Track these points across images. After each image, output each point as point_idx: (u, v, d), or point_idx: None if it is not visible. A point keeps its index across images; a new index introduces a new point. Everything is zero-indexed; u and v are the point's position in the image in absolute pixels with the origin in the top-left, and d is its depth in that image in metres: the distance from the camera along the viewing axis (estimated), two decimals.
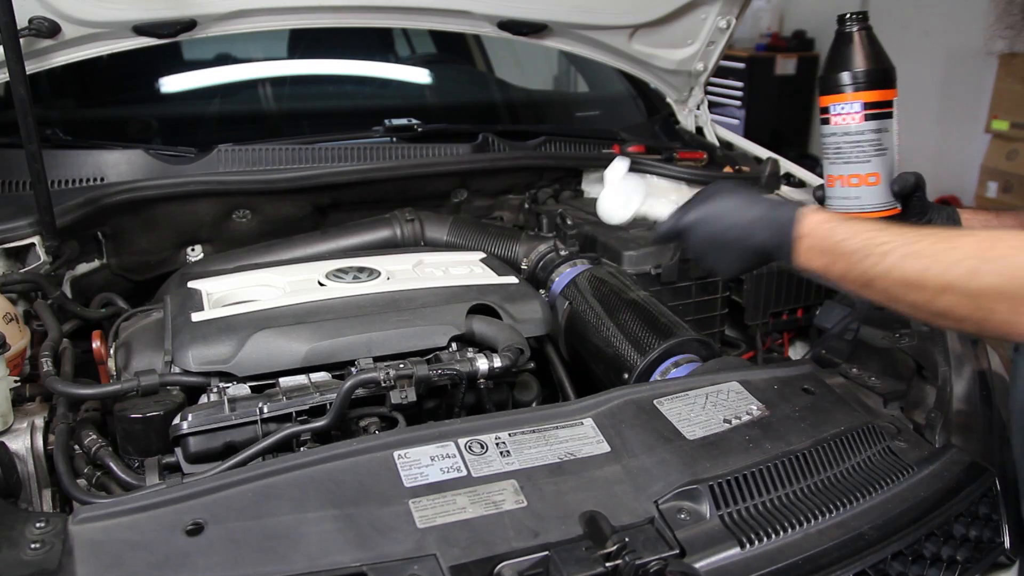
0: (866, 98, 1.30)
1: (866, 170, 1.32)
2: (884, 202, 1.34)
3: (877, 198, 1.33)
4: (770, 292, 1.88)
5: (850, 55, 1.30)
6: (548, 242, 1.79)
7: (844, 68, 1.30)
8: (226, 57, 2.46)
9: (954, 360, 1.44)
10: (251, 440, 1.15)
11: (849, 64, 1.30)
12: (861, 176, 1.33)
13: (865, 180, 1.33)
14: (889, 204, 1.34)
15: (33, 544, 0.91)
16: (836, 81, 1.31)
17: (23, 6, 1.52)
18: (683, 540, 0.98)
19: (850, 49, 1.30)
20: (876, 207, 1.34)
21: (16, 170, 1.72)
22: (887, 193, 1.34)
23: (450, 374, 1.26)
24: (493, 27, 2.13)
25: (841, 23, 1.32)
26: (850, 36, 1.31)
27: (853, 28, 1.31)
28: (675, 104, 2.55)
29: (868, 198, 1.34)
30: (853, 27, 1.31)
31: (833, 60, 1.32)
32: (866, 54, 1.30)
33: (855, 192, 1.34)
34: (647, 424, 1.14)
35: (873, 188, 1.33)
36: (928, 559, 1.11)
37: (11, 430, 1.17)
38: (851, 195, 1.34)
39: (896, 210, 1.35)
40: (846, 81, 1.30)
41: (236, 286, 1.51)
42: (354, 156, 2.00)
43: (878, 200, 1.33)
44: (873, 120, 1.30)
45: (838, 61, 1.31)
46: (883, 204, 1.34)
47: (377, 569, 0.88)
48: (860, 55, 1.30)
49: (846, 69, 1.30)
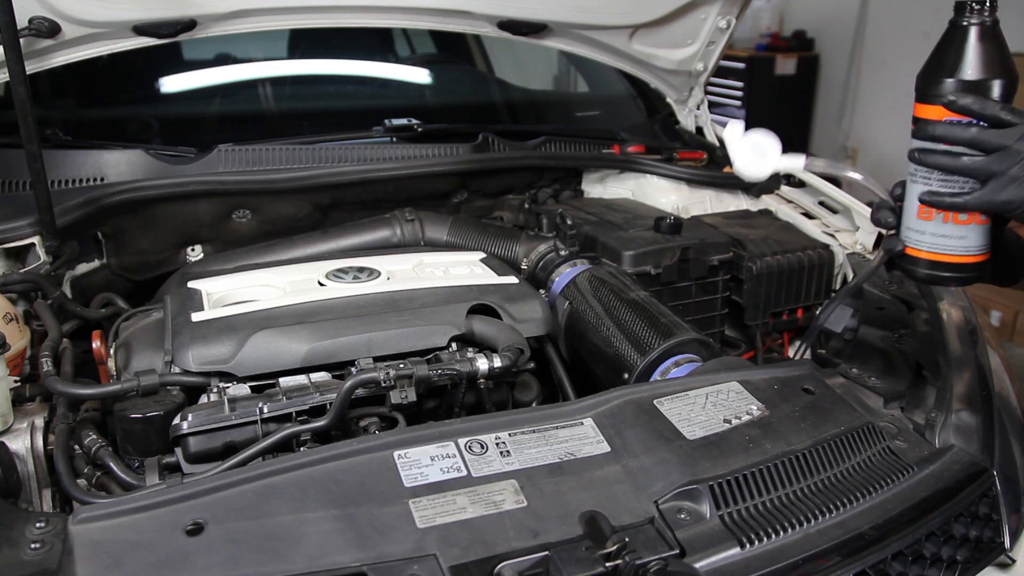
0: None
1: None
2: (985, 244, 1.12)
3: (982, 239, 1.11)
4: (770, 292, 1.88)
5: (989, 56, 1.04)
6: (548, 242, 1.79)
7: (978, 72, 1.04)
8: (226, 57, 2.46)
9: (954, 360, 1.44)
10: (251, 440, 1.15)
11: (986, 68, 1.04)
12: (972, 214, 1.09)
13: (976, 217, 1.09)
14: (988, 247, 1.13)
15: (33, 544, 0.91)
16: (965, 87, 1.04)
17: (23, 6, 1.52)
18: (683, 540, 0.98)
19: (986, 48, 1.04)
20: (980, 250, 1.12)
21: (16, 170, 1.72)
22: (988, 234, 1.12)
23: (450, 374, 1.26)
24: (493, 27, 2.13)
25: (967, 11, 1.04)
26: (985, 30, 1.04)
27: (987, 19, 1.04)
28: (675, 104, 2.55)
29: (974, 239, 1.10)
30: (987, 18, 1.04)
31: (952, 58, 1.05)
32: (1002, 57, 1.05)
33: (960, 231, 1.10)
34: (647, 424, 1.14)
35: (981, 228, 1.10)
36: (928, 559, 1.11)
37: (11, 430, 1.17)
38: (954, 234, 1.10)
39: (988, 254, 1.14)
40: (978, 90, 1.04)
41: (236, 286, 1.51)
42: (354, 156, 2.00)
43: (982, 242, 1.11)
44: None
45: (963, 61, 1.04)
46: (985, 247, 1.12)
47: (377, 569, 0.88)
48: (996, 57, 1.04)
49: (981, 75, 1.03)
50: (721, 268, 1.86)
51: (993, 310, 4.43)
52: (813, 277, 1.91)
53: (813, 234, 2.00)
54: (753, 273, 1.85)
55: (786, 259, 1.88)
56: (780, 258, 1.87)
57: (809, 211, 2.13)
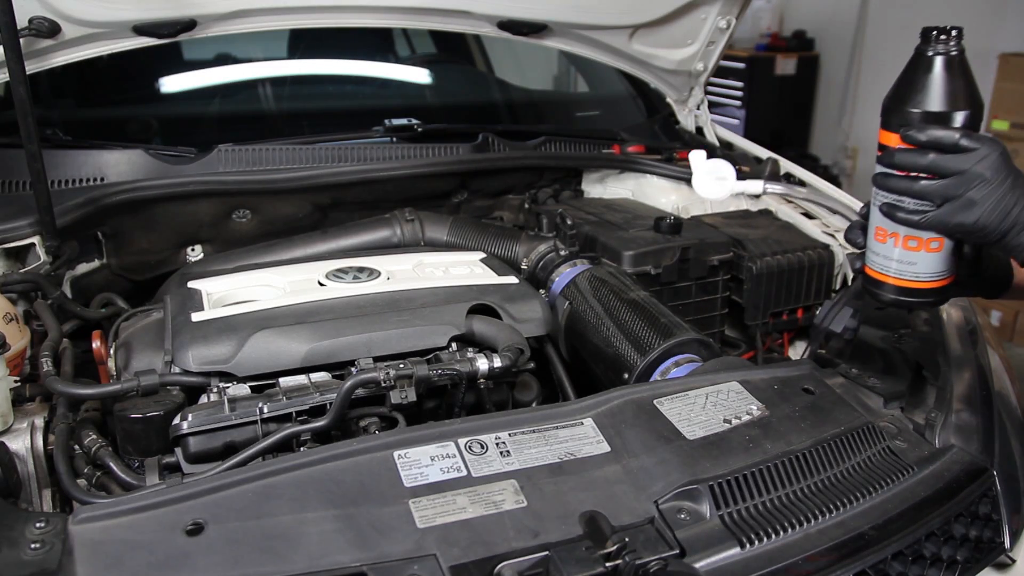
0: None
1: (929, 234, 1.10)
2: (943, 270, 1.13)
3: (936, 266, 1.12)
4: (770, 292, 1.88)
5: (948, 88, 1.04)
6: (548, 242, 1.79)
7: (940, 104, 1.04)
8: (226, 57, 2.46)
9: (954, 360, 1.44)
10: (251, 440, 1.15)
11: (948, 101, 1.04)
12: (922, 240, 1.10)
13: (926, 245, 1.10)
14: (947, 272, 1.13)
15: (33, 544, 0.91)
16: (926, 118, 1.04)
17: (23, 6, 1.52)
18: (683, 540, 0.98)
19: (950, 80, 1.04)
20: (934, 276, 1.13)
21: (16, 170, 1.72)
22: (952, 259, 1.12)
23: (450, 374, 1.26)
24: (493, 27, 2.13)
25: (933, 41, 1.05)
26: (951, 61, 1.04)
27: (952, 51, 1.04)
28: (675, 104, 2.55)
29: (925, 266, 1.12)
30: (952, 49, 1.04)
31: (916, 88, 1.05)
32: (966, 89, 1.05)
33: (911, 256, 1.11)
34: (647, 424, 1.14)
35: (933, 256, 1.11)
36: (928, 559, 1.11)
37: (11, 430, 1.17)
38: (903, 258, 1.12)
39: (951, 279, 1.14)
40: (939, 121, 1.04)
41: (236, 286, 1.51)
42: (354, 156, 2.00)
43: (937, 268, 1.12)
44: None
45: (926, 92, 1.04)
46: (941, 273, 1.13)
47: (377, 569, 0.88)
48: (960, 89, 1.04)
49: (944, 107, 1.04)
50: (721, 268, 1.86)
51: (993, 310, 4.43)
52: (813, 277, 1.91)
53: (813, 234, 2.00)
54: (753, 273, 1.85)
55: (786, 259, 1.88)
56: (780, 258, 1.87)
57: (809, 211, 2.13)
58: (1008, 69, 4.81)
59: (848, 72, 6.29)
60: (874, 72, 6.12)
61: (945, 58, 1.04)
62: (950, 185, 1.04)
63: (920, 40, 1.06)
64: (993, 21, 5.23)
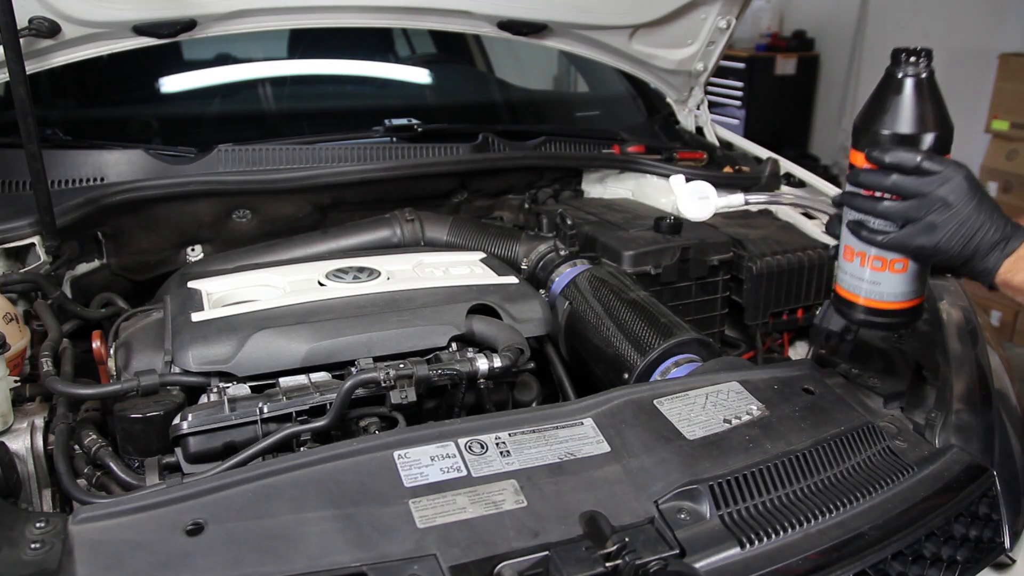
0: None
1: (893, 255, 1.10)
2: (908, 291, 1.13)
3: (901, 287, 1.12)
4: (770, 292, 1.88)
5: (916, 110, 1.04)
6: (548, 242, 1.79)
7: (908, 126, 1.04)
8: (226, 57, 2.46)
9: (954, 360, 1.44)
10: (251, 440, 1.15)
11: (911, 122, 1.04)
12: (886, 261, 1.11)
13: (890, 265, 1.11)
14: (914, 293, 1.13)
15: (33, 544, 0.91)
16: (893, 140, 1.05)
17: (23, 6, 1.52)
18: (683, 540, 0.98)
19: (916, 102, 1.04)
20: (899, 297, 1.13)
21: (16, 170, 1.72)
22: (918, 281, 1.12)
23: (450, 374, 1.26)
24: (493, 27, 2.13)
25: (903, 62, 1.04)
26: (920, 83, 1.04)
27: (922, 73, 1.04)
28: (675, 104, 2.55)
29: (890, 286, 1.12)
30: (922, 71, 1.04)
31: (884, 109, 1.06)
32: (934, 111, 1.05)
33: (877, 276, 1.12)
34: (647, 424, 1.14)
35: (898, 276, 1.12)
36: (928, 559, 1.11)
37: (11, 430, 1.17)
38: (872, 278, 1.13)
39: (921, 298, 1.14)
40: (906, 142, 1.05)
41: (236, 286, 1.51)
42: (354, 156, 2.00)
43: (902, 289, 1.12)
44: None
45: (893, 113, 1.05)
46: (907, 294, 1.13)
47: (377, 569, 0.88)
48: (928, 112, 1.04)
49: (912, 129, 1.04)
50: (721, 268, 1.86)
51: (993, 310, 4.43)
52: (813, 277, 1.91)
53: (813, 234, 2.00)
54: (753, 273, 1.85)
55: (786, 259, 1.88)
56: (780, 258, 1.87)
57: (809, 211, 2.13)
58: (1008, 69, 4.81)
59: (848, 72, 6.29)
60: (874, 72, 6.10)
61: (914, 80, 1.04)
62: (911, 207, 1.05)
63: (891, 61, 1.06)
64: (993, 21, 5.23)
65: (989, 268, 1.06)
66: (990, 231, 1.05)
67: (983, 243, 1.05)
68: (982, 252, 1.05)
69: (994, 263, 1.05)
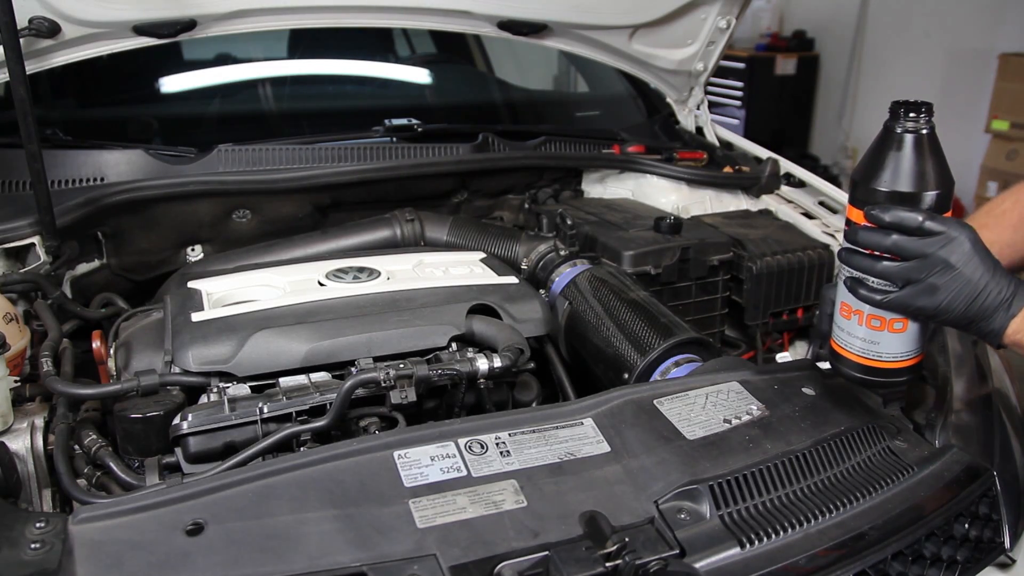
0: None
1: (893, 314, 1.08)
2: (908, 351, 1.10)
3: (900, 347, 1.09)
4: (770, 292, 1.88)
5: (916, 167, 1.01)
6: (548, 242, 1.79)
7: (903, 184, 1.01)
8: (226, 57, 2.46)
9: (954, 360, 1.44)
10: (251, 440, 1.15)
11: (912, 180, 1.01)
12: (885, 321, 1.08)
13: (890, 325, 1.08)
14: (913, 353, 1.11)
15: (33, 544, 0.91)
16: (892, 198, 1.02)
17: (23, 6, 1.52)
18: (683, 540, 0.98)
19: (917, 159, 1.01)
20: (897, 357, 1.10)
21: (16, 170, 1.72)
22: (917, 340, 1.10)
23: (450, 374, 1.26)
24: (493, 27, 2.13)
25: (902, 117, 1.01)
26: (920, 140, 1.01)
27: (922, 128, 1.01)
28: (675, 104, 2.55)
29: (888, 346, 1.09)
30: (922, 126, 1.01)
31: (883, 166, 1.02)
32: (935, 168, 1.01)
33: (875, 336, 1.09)
34: (647, 424, 1.14)
35: (897, 336, 1.09)
36: (928, 559, 1.11)
37: (11, 430, 1.17)
38: (868, 337, 1.10)
39: (920, 356, 1.12)
40: (906, 200, 1.01)
41: (236, 286, 1.51)
42: (354, 156, 2.00)
43: (901, 349, 1.10)
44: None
45: (893, 170, 1.01)
46: (906, 353, 1.10)
47: (377, 569, 0.88)
48: (929, 169, 1.01)
49: (906, 186, 1.01)
50: (721, 268, 1.86)
51: None
52: (813, 277, 1.91)
53: (813, 234, 2.00)
54: (753, 273, 1.85)
55: (786, 259, 1.88)
56: (780, 258, 1.87)
57: (809, 211, 2.13)
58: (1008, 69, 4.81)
59: (848, 72, 6.29)
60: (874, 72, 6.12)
61: (914, 136, 1.01)
62: (912, 268, 1.02)
63: (889, 115, 1.02)
64: (993, 21, 5.24)
65: (995, 329, 1.03)
66: (994, 292, 1.02)
67: (987, 304, 1.02)
68: (986, 313, 1.03)
69: (1000, 324, 1.03)
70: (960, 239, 1.01)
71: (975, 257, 1.01)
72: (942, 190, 1.02)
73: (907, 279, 1.03)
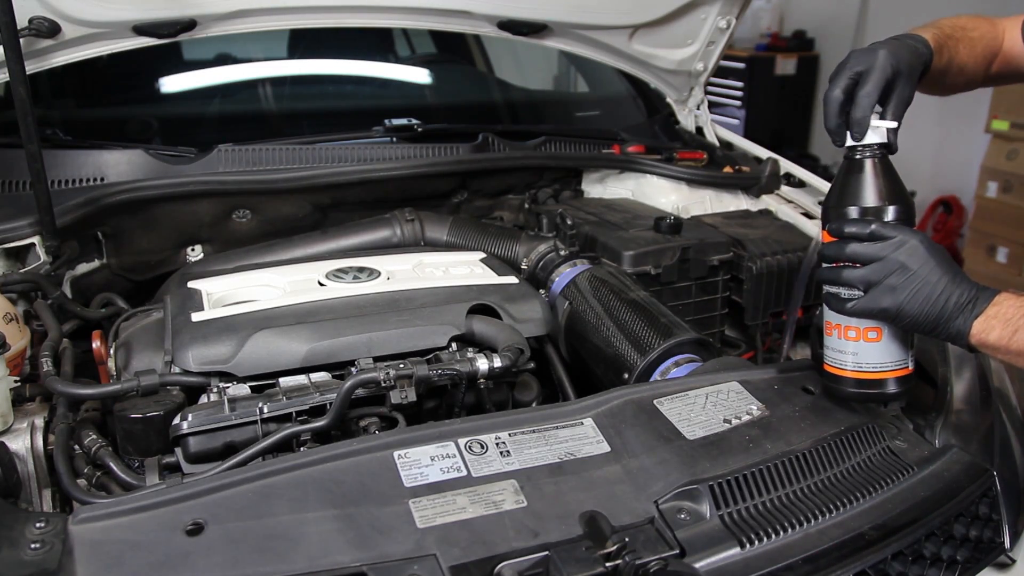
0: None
1: (866, 323, 1.14)
2: (888, 361, 1.15)
3: (879, 356, 1.15)
4: (770, 292, 1.88)
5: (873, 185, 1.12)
6: (548, 242, 1.79)
7: (864, 199, 1.12)
8: (226, 57, 2.46)
9: (954, 360, 1.44)
10: (251, 440, 1.15)
11: (870, 195, 1.12)
12: (859, 331, 1.15)
13: (864, 335, 1.15)
14: (896, 364, 1.15)
15: (33, 544, 0.91)
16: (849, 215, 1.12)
17: (23, 6, 1.52)
18: (683, 540, 0.98)
19: (873, 178, 1.12)
20: (878, 368, 1.15)
21: (16, 170, 1.72)
22: (897, 351, 1.15)
23: (450, 374, 1.26)
24: (493, 27, 2.13)
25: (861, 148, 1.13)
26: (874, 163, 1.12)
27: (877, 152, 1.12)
28: (675, 104, 2.55)
29: (868, 356, 1.15)
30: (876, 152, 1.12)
31: (844, 189, 1.14)
32: (890, 185, 1.12)
33: (854, 347, 1.15)
34: (647, 424, 1.14)
35: (873, 346, 1.15)
36: (928, 559, 1.11)
37: (11, 430, 1.17)
38: (845, 349, 1.16)
39: (907, 370, 1.16)
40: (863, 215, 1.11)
41: (236, 286, 1.51)
42: (354, 156, 2.00)
43: (880, 359, 1.15)
44: None
45: (852, 190, 1.13)
46: (890, 364, 1.15)
47: (377, 569, 0.88)
48: (884, 186, 1.12)
49: (867, 201, 1.12)
50: (721, 268, 1.86)
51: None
52: (813, 277, 1.91)
53: (813, 234, 2.00)
54: (753, 273, 1.85)
55: (786, 259, 1.88)
56: (780, 258, 1.87)
57: (809, 211, 2.13)
58: None
59: None
60: None
61: (870, 160, 1.12)
62: (870, 271, 1.09)
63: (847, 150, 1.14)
64: None
65: (961, 330, 1.07)
66: (954, 294, 1.06)
67: (948, 305, 1.06)
68: (949, 314, 1.07)
69: (963, 325, 1.07)
70: (913, 242, 1.07)
71: (931, 260, 1.07)
72: (899, 205, 1.12)
73: (868, 282, 1.09)
